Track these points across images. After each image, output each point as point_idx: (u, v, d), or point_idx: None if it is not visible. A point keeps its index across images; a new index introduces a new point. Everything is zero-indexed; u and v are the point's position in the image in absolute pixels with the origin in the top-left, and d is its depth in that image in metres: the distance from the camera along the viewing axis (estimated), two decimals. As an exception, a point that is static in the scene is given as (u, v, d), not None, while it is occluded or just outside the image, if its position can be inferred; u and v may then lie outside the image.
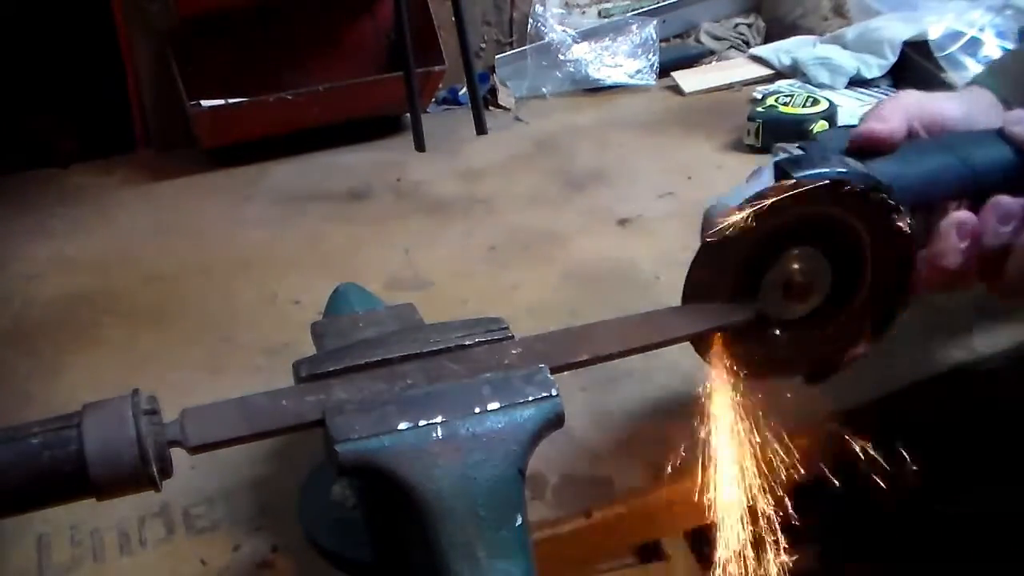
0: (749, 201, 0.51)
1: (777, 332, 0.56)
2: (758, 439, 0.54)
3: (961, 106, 0.62)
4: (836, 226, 0.53)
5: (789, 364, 0.58)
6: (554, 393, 0.46)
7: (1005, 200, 0.54)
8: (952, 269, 0.54)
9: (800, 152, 0.55)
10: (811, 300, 0.56)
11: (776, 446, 0.55)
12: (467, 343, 0.50)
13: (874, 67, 1.40)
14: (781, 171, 0.51)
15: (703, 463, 0.54)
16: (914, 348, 0.74)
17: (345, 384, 0.47)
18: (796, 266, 0.54)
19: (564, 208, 1.11)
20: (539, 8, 1.58)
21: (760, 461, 0.54)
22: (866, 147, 0.56)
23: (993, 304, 0.77)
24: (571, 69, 1.56)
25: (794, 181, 0.50)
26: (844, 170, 0.52)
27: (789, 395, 0.59)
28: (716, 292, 0.54)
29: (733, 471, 0.54)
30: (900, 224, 0.53)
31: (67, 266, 1.03)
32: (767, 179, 0.52)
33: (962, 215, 0.55)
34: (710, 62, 1.64)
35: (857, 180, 0.51)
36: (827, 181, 0.51)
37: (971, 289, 0.58)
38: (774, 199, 0.50)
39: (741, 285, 0.54)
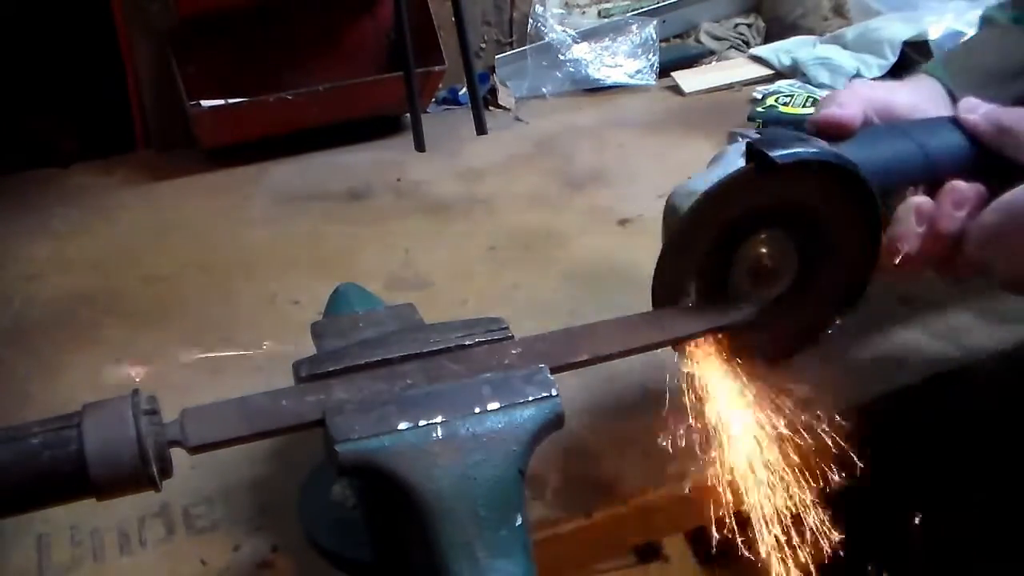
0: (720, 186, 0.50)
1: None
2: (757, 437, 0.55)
3: (910, 95, 0.63)
4: (804, 208, 0.53)
5: (757, 347, 0.57)
6: (554, 393, 0.46)
7: (960, 185, 0.55)
8: (909, 253, 0.55)
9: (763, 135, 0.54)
10: (778, 284, 0.56)
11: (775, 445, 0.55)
12: (467, 343, 0.50)
13: (874, 67, 1.40)
14: (757, 153, 0.50)
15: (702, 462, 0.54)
16: (909, 350, 0.74)
17: (345, 384, 0.47)
18: (764, 250, 0.54)
19: (564, 208, 1.11)
20: (539, 8, 1.58)
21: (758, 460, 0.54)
22: (826, 132, 0.56)
23: (989, 305, 0.78)
24: (571, 69, 1.56)
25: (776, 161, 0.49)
26: (826, 150, 0.51)
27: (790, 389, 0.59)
28: (684, 281, 0.55)
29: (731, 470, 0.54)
30: (872, 204, 0.53)
31: (67, 266, 1.03)
32: (732, 162, 0.52)
33: (919, 200, 0.55)
34: (710, 62, 1.64)
35: (841, 160, 0.51)
36: (817, 160, 0.50)
37: (921, 277, 0.59)
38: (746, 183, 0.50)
39: (710, 273, 0.55)
